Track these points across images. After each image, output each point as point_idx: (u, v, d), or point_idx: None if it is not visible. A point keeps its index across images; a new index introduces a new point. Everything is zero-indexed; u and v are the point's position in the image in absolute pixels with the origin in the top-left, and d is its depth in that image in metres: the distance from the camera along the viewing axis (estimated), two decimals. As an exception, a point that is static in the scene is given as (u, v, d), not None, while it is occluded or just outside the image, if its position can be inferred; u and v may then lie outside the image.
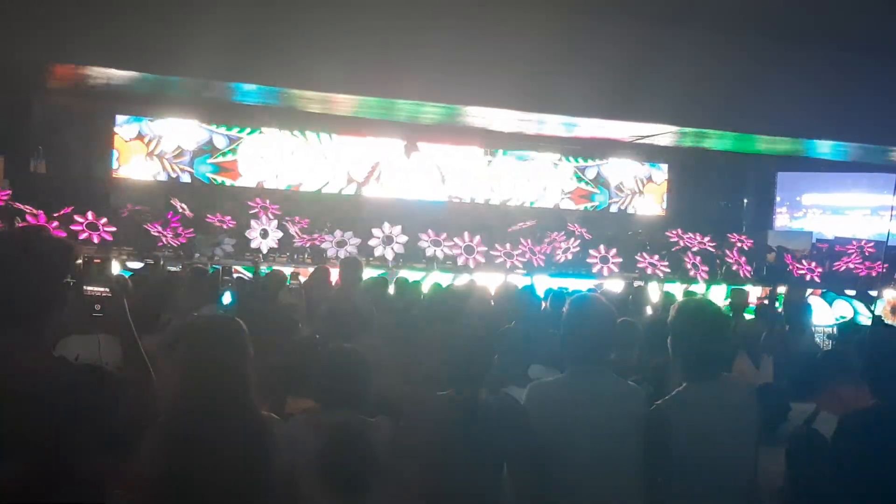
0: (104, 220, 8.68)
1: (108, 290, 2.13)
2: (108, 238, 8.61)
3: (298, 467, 2.39)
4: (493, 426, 2.54)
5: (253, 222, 9.67)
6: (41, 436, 1.80)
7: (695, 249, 10.48)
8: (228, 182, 12.09)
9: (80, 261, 2.14)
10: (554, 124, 10.45)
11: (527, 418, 2.61)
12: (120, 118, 11.62)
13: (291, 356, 3.62)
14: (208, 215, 9.82)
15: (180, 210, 9.78)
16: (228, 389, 2.26)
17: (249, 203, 10.17)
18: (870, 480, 2.46)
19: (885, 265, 8.89)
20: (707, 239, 10.70)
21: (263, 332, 3.12)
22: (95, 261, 2.14)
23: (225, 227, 9.68)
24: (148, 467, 2.21)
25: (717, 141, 11.19)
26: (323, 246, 9.61)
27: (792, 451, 3.03)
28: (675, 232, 10.79)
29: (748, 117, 9.32)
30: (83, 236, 8.35)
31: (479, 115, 9.83)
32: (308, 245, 9.70)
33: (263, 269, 8.53)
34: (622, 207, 14.43)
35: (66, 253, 2.03)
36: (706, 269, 10.26)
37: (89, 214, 8.59)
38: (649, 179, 14.58)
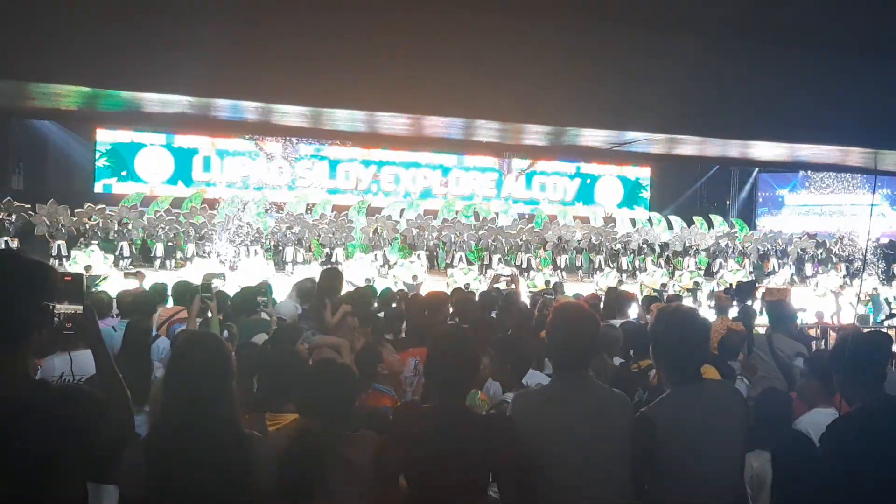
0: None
1: (80, 307, 2.07)
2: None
3: (280, 483, 2.36)
4: (479, 437, 2.52)
5: None
6: (22, 459, 1.78)
7: None
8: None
9: None
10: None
11: (513, 428, 2.57)
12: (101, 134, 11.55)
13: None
14: None
15: None
16: (210, 407, 2.24)
17: None
18: (860, 483, 2.47)
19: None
20: None
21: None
22: (66, 278, 2.09)
23: None
24: (129, 486, 2.18)
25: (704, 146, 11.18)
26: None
27: (778, 455, 3.04)
28: None
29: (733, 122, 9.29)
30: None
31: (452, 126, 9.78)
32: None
33: None
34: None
35: (45, 275, 1.99)
36: None
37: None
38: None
